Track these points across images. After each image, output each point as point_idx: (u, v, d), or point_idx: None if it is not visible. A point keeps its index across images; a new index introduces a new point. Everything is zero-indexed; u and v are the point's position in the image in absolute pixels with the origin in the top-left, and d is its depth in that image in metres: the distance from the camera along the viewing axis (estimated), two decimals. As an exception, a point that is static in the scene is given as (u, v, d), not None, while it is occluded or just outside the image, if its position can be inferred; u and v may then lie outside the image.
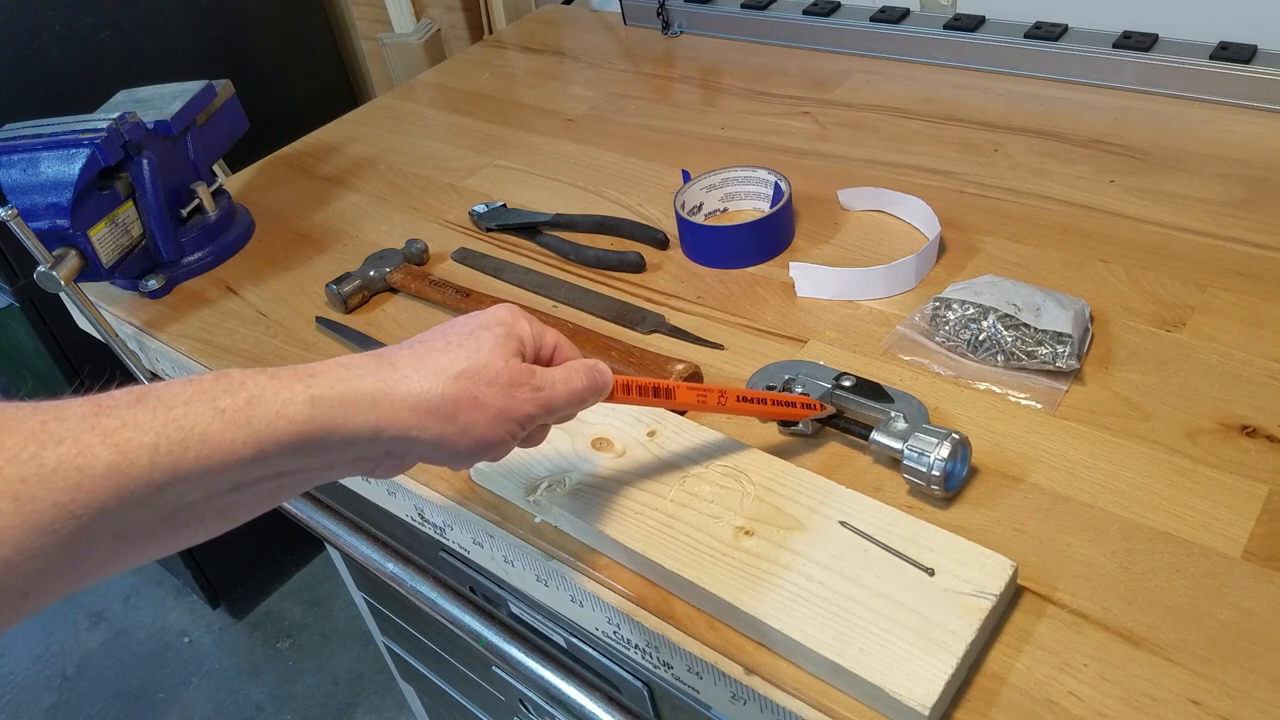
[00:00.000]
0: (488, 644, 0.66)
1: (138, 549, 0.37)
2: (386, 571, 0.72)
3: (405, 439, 0.43)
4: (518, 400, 0.46)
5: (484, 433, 0.45)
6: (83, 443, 0.34)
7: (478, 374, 0.45)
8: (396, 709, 1.62)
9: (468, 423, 0.44)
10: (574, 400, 0.49)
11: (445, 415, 0.43)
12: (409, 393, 0.43)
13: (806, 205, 0.86)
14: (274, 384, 0.39)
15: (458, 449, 0.44)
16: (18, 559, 0.32)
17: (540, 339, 0.50)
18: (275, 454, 0.38)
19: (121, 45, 1.38)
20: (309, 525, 0.79)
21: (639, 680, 0.71)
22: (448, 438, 0.44)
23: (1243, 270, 0.70)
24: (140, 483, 0.35)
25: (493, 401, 0.45)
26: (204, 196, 0.93)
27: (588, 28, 1.30)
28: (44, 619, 1.88)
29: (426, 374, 0.43)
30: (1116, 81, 0.93)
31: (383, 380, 0.42)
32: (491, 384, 0.45)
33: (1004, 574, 0.50)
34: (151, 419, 0.36)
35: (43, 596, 0.34)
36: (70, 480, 0.33)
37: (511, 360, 0.46)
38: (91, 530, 0.34)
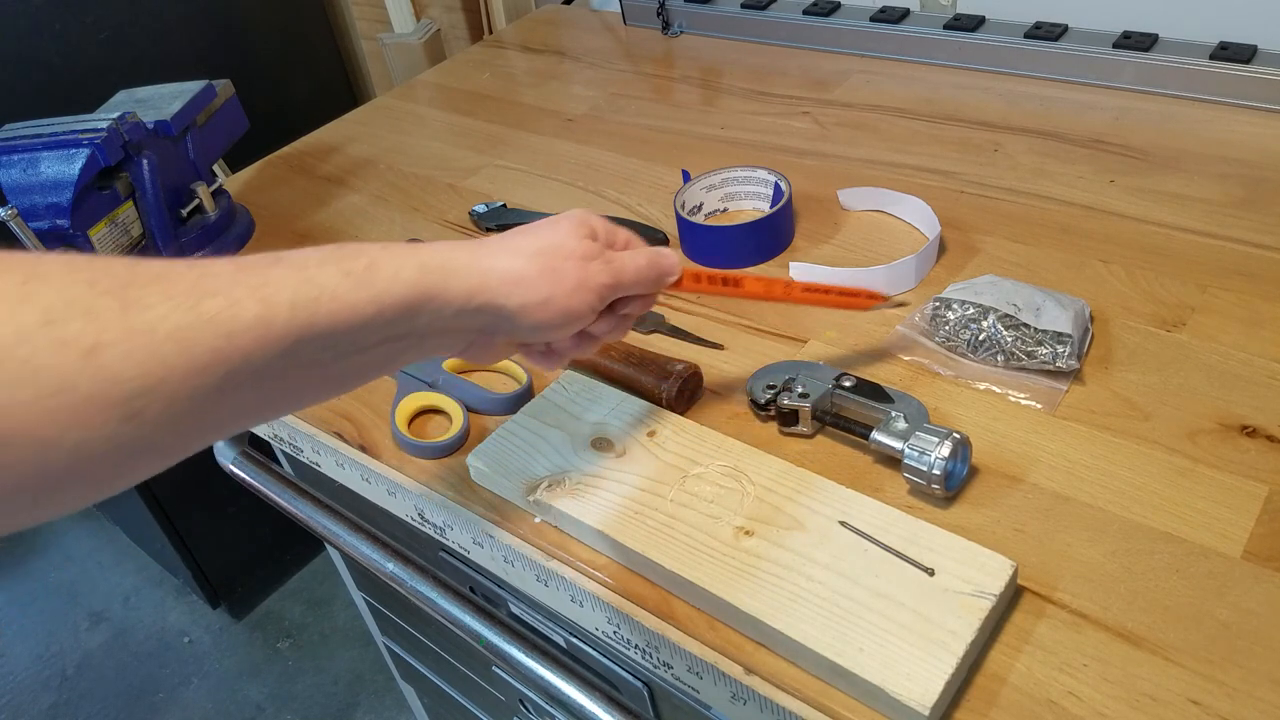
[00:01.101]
0: (487, 644, 0.66)
1: (270, 401, 0.40)
2: (386, 571, 0.72)
3: (495, 306, 0.47)
4: (590, 271, 0.51)
5: (565, 302, 0.49)
6: (233, 296, 0.37)
7: (556, 250, 0.50)
8: (396, 709, 1.62)
9: (549, 292, 0.49)
10: (641, 276, 0.54)
11: (528, 285, 0.48)
12: (496, 265, 0.48)
13: (806, 205, 0.86)
14: (387, 252, 0.43)
15: (542, 318, 0.49)
16: (181, 397, 0.35)
17: (613, 234, 0.55)
18: (392, 315, 0.43)
19: (121, 45, 1.38)
20: (309, 525, 0.79)
21: (639, 680, 0.71)
22: (531, 306, 0.48)
23: (1243, 270, 0.70)
24: (280, 335, 0.38)
25: (570, 273, 0.50)
26: (204, 196, 0.93)
27: (588, 28, 1.30)
28: (44, 619, 1.88)
29: (511, 251, 0.49)
30: (1116, 81, 0.93)
31: (475, 255, 0.47)
32: (568, 258, 0.50)
33: (1004, 574, 0.50)
34: (289, 277, 0.39)
35: (195, 436, 0.37)
36: (224, 329, 0.36)
37: (584, 240, 0.52)
38: (238, 377, 0.36)
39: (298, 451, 0.78)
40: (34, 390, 0.31)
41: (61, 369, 0.32)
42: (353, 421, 0.72)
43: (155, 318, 0.34)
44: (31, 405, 0.31)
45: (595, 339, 0.56)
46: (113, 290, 0.34)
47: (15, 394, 0.31)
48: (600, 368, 0.70)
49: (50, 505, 0.34)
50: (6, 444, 0.31)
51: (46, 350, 0.32)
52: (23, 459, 0.31)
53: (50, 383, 0.31)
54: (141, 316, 0.34)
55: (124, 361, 0.33)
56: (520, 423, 0.65)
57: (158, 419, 0.34)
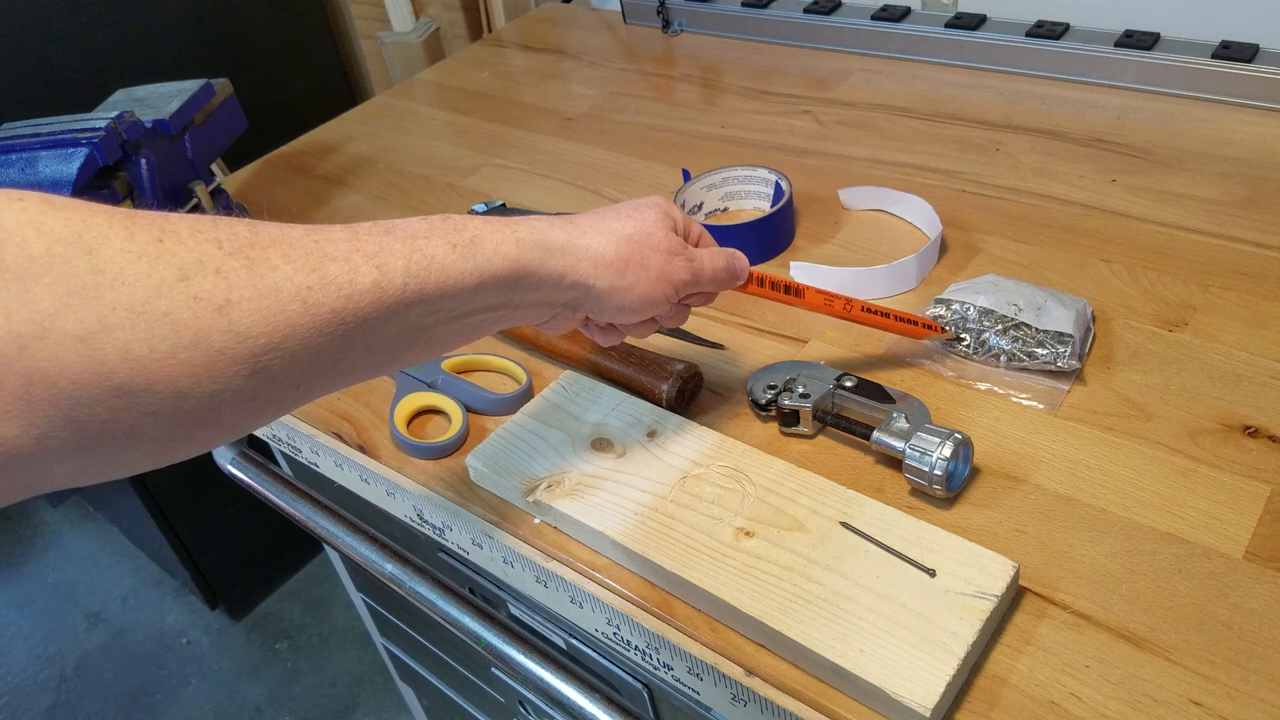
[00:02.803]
0: (487, 645, 0.66)
1: (376, 361, 0.42)
2: (385, 572, 0.72)
3: (583, 285, 0.50)
4: (674, 266, 0.53)
5: (646, 290, 0.52)
6: (352, 262, 0.39)
7: (644, 240, 0.52)
8: (395, 710, 1.62)
9: (634, 279, 0.51)
10: (718, 276, 0.57)
11: (616, 269, 0.50)
12: (589, 247, 0.50)
13: (807, 204, 0.86)
14: (489, 227, 0.46)
15: (624, 302, 0.51)
16: (302, 354, 0.37)
17: (689, 226, 0.57)
18: (491, 286, 0.45)
19: (120, 44, 1.38)
20: (308, 526, 0.79)
21: (639, 682, 0.70)
22: (617, 290, 0.51)
23: (1245, 270, 0.70)
24: (394, 300, 0.41)
25: (655, 264, 0.52)
26: (202, 196, 0.93)
27: (587, 26, 1.30)
28: (43, 620, 1.87)
29: (603, 234, 0.51)
30: (1118, 80, 0.93)
31: (569, 234, 0.49)
32: (655, 249, 0.52)
33: (1005, 575, 0.50)
34: (402, 246, 0.42)
35: (309, 391, 0.39)
36: (344, 291, 0.38)
37: (670, 234, 0.54)
38: (353, 337, 0.39)
39: (296, 452, 0.78)
40: (172, 343, 0.33)
41: (197, 324, 0.34)
42: (351, 422, 0.72)
43: (280, 278, 0.36)
44: (170, 357, 0.33)
45: (657, 323, 0.58)
46: (239, 251, 0.36)
47: (155, 346, 0.33)
48: (600, 368, 0.70)
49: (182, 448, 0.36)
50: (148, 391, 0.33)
51: (183, 305, 0.34)
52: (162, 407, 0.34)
53: (186, 336, 0.34)
54: (267, 277, 0.36)
55: (253, 318, 0.35)
56: (520, 423, 0.65)
57: (282, 373, 0.37)
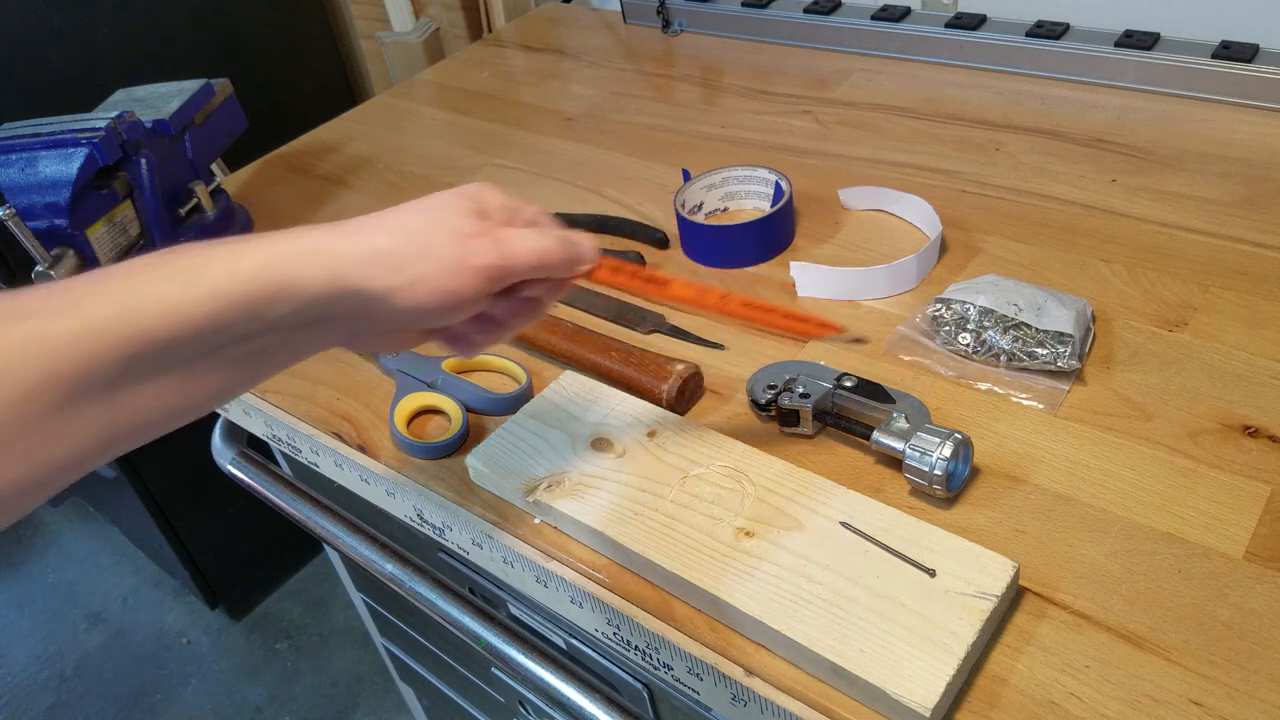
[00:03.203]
0: (487, 645, 0.66)
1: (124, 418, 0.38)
2: (385, 572, 0.72)
3: (356, 290, 0.43)
4: (472, 250, 0.45)
5: (439, 283, 0.44)
6: (47, 316, 0.35)
7: (428, 227, 0.45)
8: (396, 710, 1.62)
9: (419, 273, 0.44)
10: (539, 257, 0.47)
11: (393, 265, 0.43)
12: (355, 245, 0.43)
13: (807, 204, 0.86)
14: (225, 248, 0.40)
15: (415, 301, 0.44)
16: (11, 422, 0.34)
17: (515, 212, 0.49)
18: (234, 314, 0.39)
19: (120, 44, 1.38)
20: (308, 526, 0.79)
21: (639, 682, 0.70)
22: (400, 289, 0.43)
23: (1245, 270, 0.70)
24: (110, 348, 0.36)
25: (444, 252, 0.44)
26: (202, 196, 0.93)
27: (587, 26, 1.30)
28: (42, 620, 1.87)
29: (378, 230, 0.44)
30: (1118, 80, 0.93)
31: (334, 237, 0.43)
32: (446, 235, 0.45)
33: (1005, 575, 0.50)
34: (112, 287, 0.37)
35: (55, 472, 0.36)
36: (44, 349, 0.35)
37: (468, 217, 0.46)
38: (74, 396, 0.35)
39: (296, 452, 0.78)
40: None
41: None
42: (351, 422, 0.72)
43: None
44: None
45: (501, 325, 0.51)
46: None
47: None
48: (600, 368, 0.70)
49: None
50: None
51: None
52: None
53: None
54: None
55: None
56: (520, 423, 0.65)
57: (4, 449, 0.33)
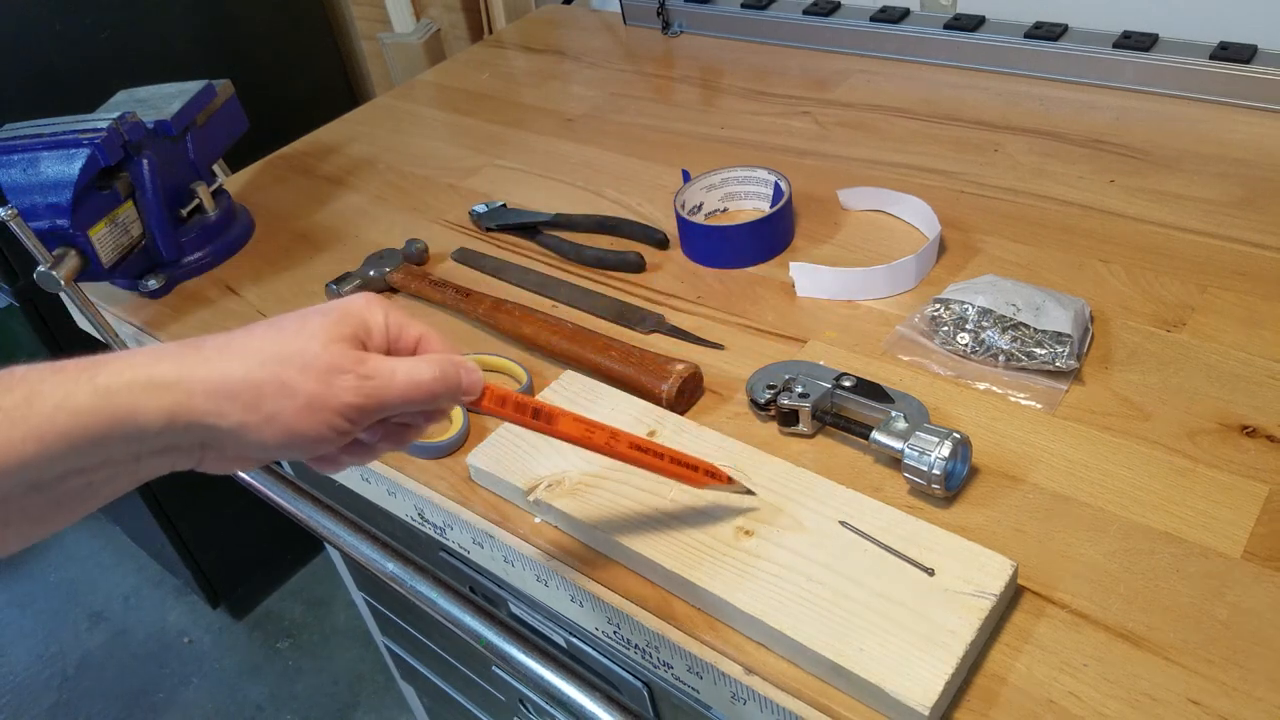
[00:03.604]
0: (487, 644, 0.66)
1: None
2: (386, 571, 0.72)
3: (205, 426, 0.39)
4: (335, 388, 0.41)
5: (292, 423, 0.40)
6: None
7: (291, 358, 0.41)
8: (396, 709, 1.62)
9: (273, 410, 0.40)
10: (414, 393, 0.43)
11: (246, 401, 0.39)
12: (208, 376, 0.39)
13: (806, 205, 0.86)
14: (56, 378, 0.37)
15: (264, 440, 0.40)
16: None
17: (400, 331, 0.45)
18: (63, 449, 0.37)
19: (121, 45, 1.38)
20: (309, 525, 0.79)
21: (639, 680, 0.71)
22: (251, 426, 0.40)
23: (1243, 270, 0.70)
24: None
25: (303, 388, 0.40)
26: (204, 196, 0.93)
27: (588, 27, 1.30)
28: (44, 619, 1.88)
29: (233, 357, 0.40)
30: (1117, 81, 0.93)
31: (182, 364, 0.39)
32: (305, 369, 0.41)
33: (1004, 574, 0.50)
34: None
35: None
36: None
37: (336, 345, 0.42)
38: None
39: (298, 451, 0.78)
40: None
41: None
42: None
43: None
44: None
45: (369, 449, 0.47)
46: None
47: None
48: (600, 368, 0.70)
49: None
50: None
51: None
52: None
53: None
54: None
55: None
56: (520, 423, 0.65)
57: None
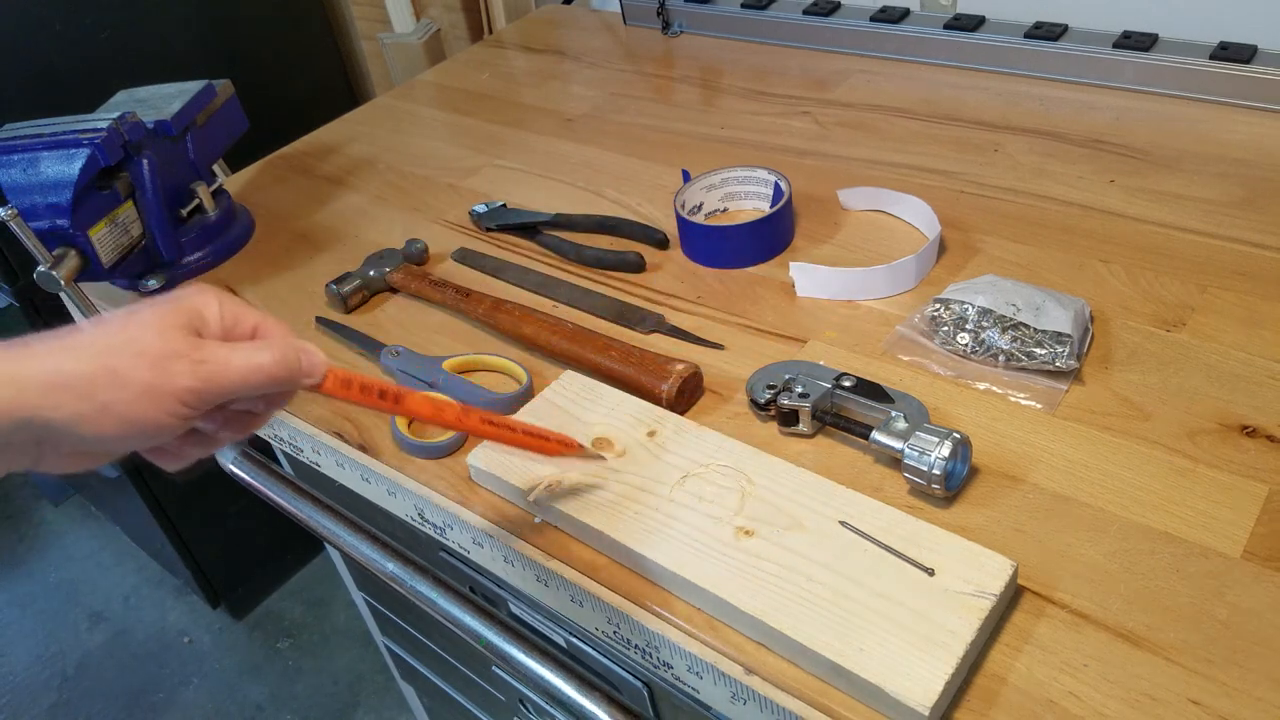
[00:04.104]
0: (487, 644, 0.66)
1: None
2: (386, 571, 0.72)
3: (40, 421, 0.39)
4: (170, 374, 0.41)
5: (127, 412, 0.40)
6: None
7: (122, 348, 0.41)
8: (397, 709, 1.62)
9: (107, 400, 0.40)
10: (252, 376, 0.43)
11: (79, 392, 0.39)
12: (39, 370, 0.39)
13: (806, 205, 0.86)
14: None
15: (102, 432, 0.40)
16: None
17: (236, 319, 0.45)
18: None
19: (121, 45, 1.38)
20: (309, 525, 0.79)
21: (639, 680, 0.71)
22: (86, 417, 0.40)
23: (1243, 270, 0.70)
24: None
25: (137, 375, 0.40)
26: (204, 196, 0.93)
27: (588, 27, 1.30)
28: (44, 619, 1.88)
29: (64, 351, 0.40)
30: (1116, 81, 0.93)
31: (11, 360, 0.39)
32: (138, 356, 0.41)
33: (1004, 574, 0.50)
34: None
35: None
36: None
37: (171, 332, 0.42)
38: None
39: (298, 451, 0.78)
40: None
41: None
42: (353, 421, 0.72)
43: None
44: None
45: (212, 439, 0.47)
46: None
47: None
48: (600, 368, 0.70)
49: None
50: None
51: None
52: None
53: None
54: None
55: None
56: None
57: None
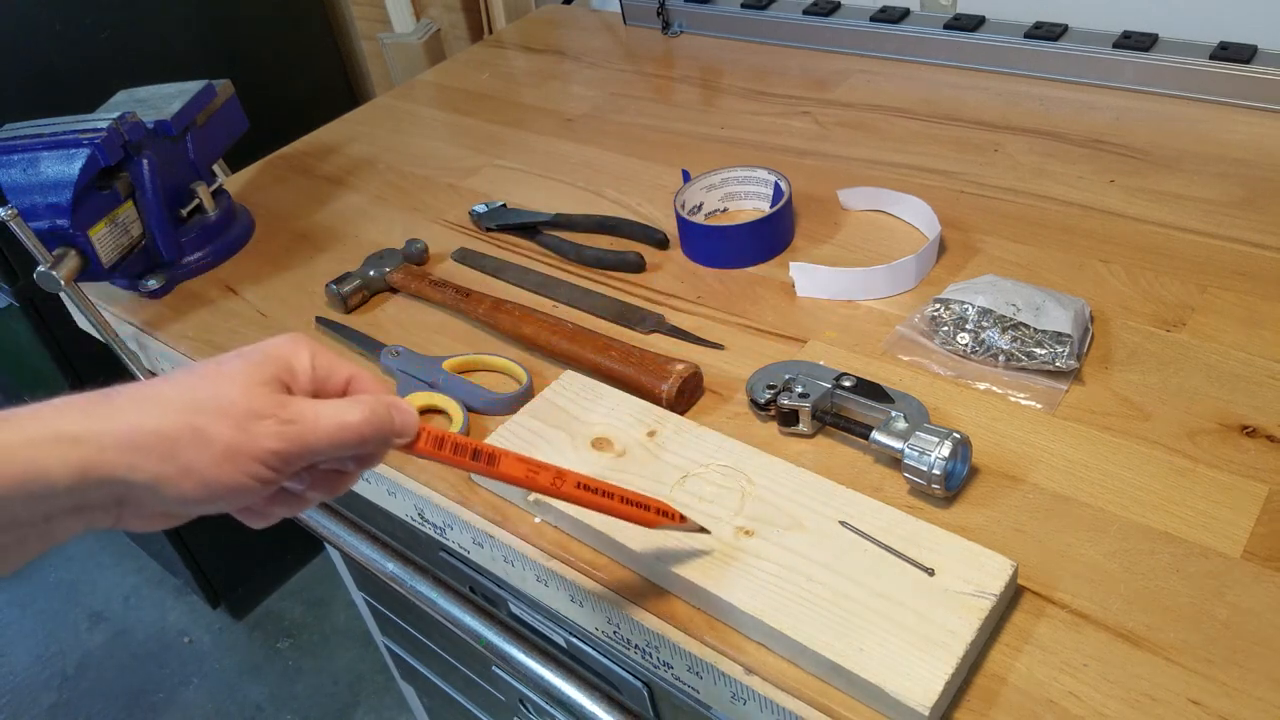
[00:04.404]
0: (488, 644, 0.66)
1: None
2: (386, 571, 0.72)
3: (117, 480, 0.37)
4: (254, 434, 0.39)
5: (210, 474, 0.38)
6: None
7: (205, 405, 0.39)
8: (397, 709, 1.62)
9: (189, 461, 0.38)
10: (341, 436, 0.41)
11: (161, 453, 0.37)
12: (118, 428, 0.37)
13: (806, 205, 0.86)
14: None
15: (183, 493, 0.38)
16: None
17: (329, 372, 0.43)
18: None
19: (121, 45, 1.38)
20: (309, 525, 0.79)
21: (639, 680, 0.71)
22: (167, 479, 0.38)
23: (1242, 270, 0.70)
24: None
25: (220, 436, 0.38)
26: (204, 196, 0.93)
27: (588, 27, 1.30)
28: (44, 619, 1.88)
29: (147, 407, 0.38)
30: (1116, 81, 0.93)
31: (92, 417, 0.37)
32: (222, 415, 0.39)
33: (1004, 574, 0.50)
34: None
35: None
36: None
37: (257, 389, 0.40)
38: None
39: (298, 451, 0.78)
40: None
41: None
42: (353, 421, 0.72)
43: None
44: None
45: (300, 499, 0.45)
46: None
47: None
48: (600, 368, 0.70)
49: None
50: None
51: None
52: None
53: None
54: None
55: None
56: (520, 423, 0.65)
57: None
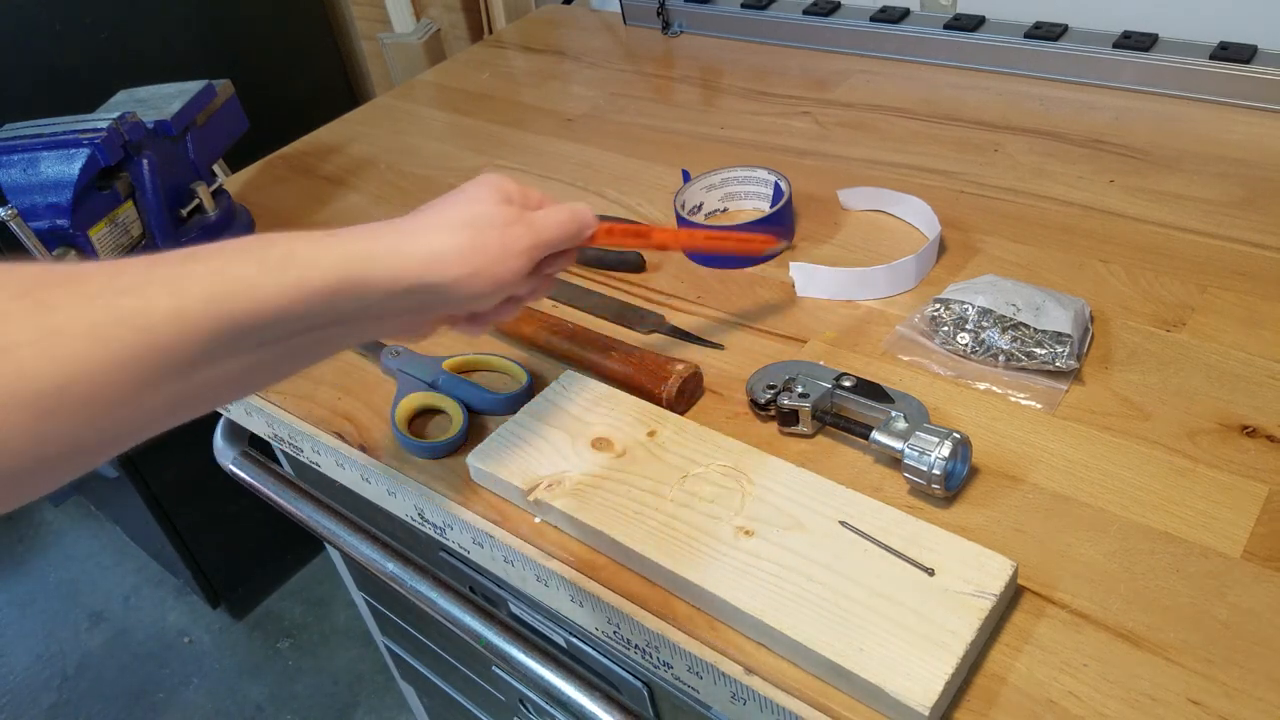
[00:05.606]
0: (487, 644, 0.66)
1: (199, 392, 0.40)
2: (386, 571, 0.72)
3: (424, 286, 0.48)
4: (513, 235, 0.52)
5: (494, 271, 0.50)
6: (147, 293, 0.37)
7: (479, 220, 0.51)
8: (396, 709, 1.62)
9: (479, 264, 0.50)
10: (563, 230, 0.55)
11: (457, 260, 0.49)
12: (422, 244, 0.48)
13: (806, 205, 0.86)
14: (304, 242, 0.44)
15: (476, 290, 0.50)
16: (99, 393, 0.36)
17: (527, 195, 0.56)
18: (313, 303, 0.43)
19: (121, 45, 1.38)
20: (309, 525, 0.79)
21: (639, 680, 0.71)
22: (464, 280, 0.49)
23: (1243, 270, 0.70)
24: (198, 327, 0.38)
25: (494, 243, 0.51)
26: (204, 196, 0.93)
27: (588, 27, 1.30)
28: (44, 619, 1.88)
29: (436, 228, 0.50)
30: (1116, 81, 0.93)
31: (401, 235, 0.48)
32: (491, 226, 0.51)
33: (1004, 574, 0.50)
34: (203, 270, 0.39)
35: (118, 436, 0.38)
36: (140, 324, 0.37)
37: (503, 207, 0.52)
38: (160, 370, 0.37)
39: (298, 451, 0.78)
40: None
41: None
42: (353, 421, 0.72)
43: (67, 317, 0.35)
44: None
45: (521, 301, 0.57)
46: (23, 293, 0.35)
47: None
48: (600, 368, 0.70)
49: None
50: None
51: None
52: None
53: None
54: (53, 317, 0.35)
55: (37, 360, 0.34)
56: (520, 423, 0.65)
57: (77, 415, 0.35)
